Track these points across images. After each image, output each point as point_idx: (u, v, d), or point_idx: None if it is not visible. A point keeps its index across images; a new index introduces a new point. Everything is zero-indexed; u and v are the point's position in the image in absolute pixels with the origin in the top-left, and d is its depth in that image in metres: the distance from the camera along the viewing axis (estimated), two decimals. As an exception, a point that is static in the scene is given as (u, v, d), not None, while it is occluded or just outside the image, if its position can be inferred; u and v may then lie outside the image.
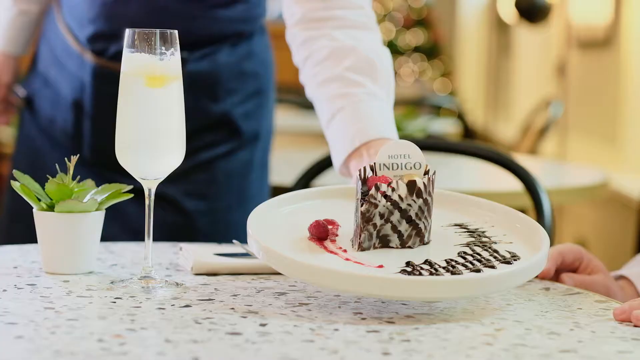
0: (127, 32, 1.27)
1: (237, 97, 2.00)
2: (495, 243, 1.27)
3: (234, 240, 1.47)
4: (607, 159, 4.90)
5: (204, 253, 1.42)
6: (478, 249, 1.25)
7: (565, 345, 1.08)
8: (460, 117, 5.41)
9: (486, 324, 1.15)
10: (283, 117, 5.11)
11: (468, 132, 5.18)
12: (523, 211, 1.46)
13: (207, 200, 1.99)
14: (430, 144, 2.29)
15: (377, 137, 1.56)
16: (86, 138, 1.95)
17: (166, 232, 1.97)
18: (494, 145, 7.68)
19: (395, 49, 10.43)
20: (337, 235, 1.29)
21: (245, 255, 1.44)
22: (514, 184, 2.08)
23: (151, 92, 1.26)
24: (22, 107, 2.08)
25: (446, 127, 4.63)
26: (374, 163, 1.28)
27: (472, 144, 2.59)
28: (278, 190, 2.25)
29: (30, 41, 2.12)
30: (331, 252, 1.24)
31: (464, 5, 10.65)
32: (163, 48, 1.28)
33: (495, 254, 1.24)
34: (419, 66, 10.37)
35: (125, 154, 1.28)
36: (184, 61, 1.93)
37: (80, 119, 1.96)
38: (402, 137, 2.85)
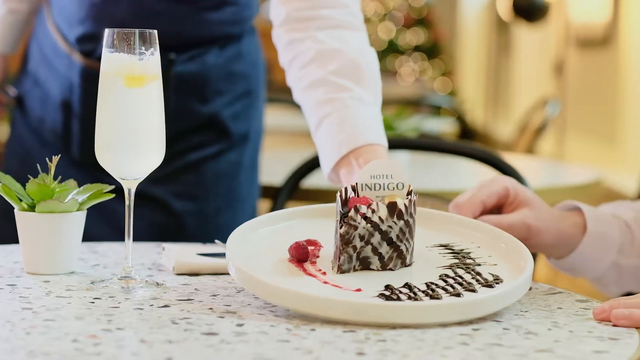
0: (107, 32, 1.27)
1: (226, 98, 2.00)
2: (479, 265, 1.26)
3: (216, 240, 1.46)
4: (604, 158, 4.89)
5: (186, 253, 1.42)
6: (461, 272, 1.24)
7: (541, 345, 1.08)
8: (458, 116, 5.40)
9: (464, 324, 1.15)
10: (277, 117, 5.11)
11: (466, 131, 5.18)
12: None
13: (195, 201, 1.99)
14: (418, 144, 2.30)
15: (365, 144, 1.54)
16: (75, 138, 1.95)
17: (155, 233, 1.97)
18: (492, 144, 7.67)
19: (395, 48, 10.44)
20: (318, 256, 1.27)
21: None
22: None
23: (130, 92, 1.26)
24: (13, 106, 2.08)
25: (442, 126, 4.62)
26: (356, 183, 1.27)
27: (458, 143, 2.59)
28: (269, 190, 2.26)
29: (20, 40, 2.12)
30: (310, 274, 1.22)
31: (465, 4, 10.64)
32: (143, 48, 1.28)
33: (478, 277, 1.22)
34: (419, 65, 10.38)
35: (105, 154, 1.28)
36: (172, 62, 1.93)
37: (69, 119, 1.96)
38: (394, 136, 2.85)
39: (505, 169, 1.97)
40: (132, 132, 1.26)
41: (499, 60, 9.31)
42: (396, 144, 2.37)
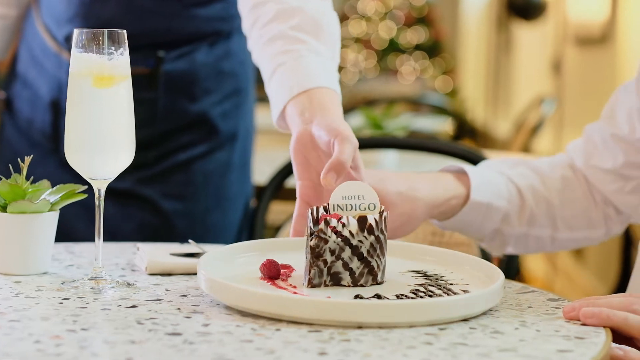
0: (75, 32, 1.27)
1: (214, 96, 2.00)
2: (451, 284, 1.25)
3: (190, 240, 1.46)
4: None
5: (159, 253, 1.41)
6: (432, 288, 1.23)
7: (506, 345, 1.07)
8: (454, 115, 5.39)
9: (432, 323, 1.14)
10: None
11: (463, 130, 5.17)
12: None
13: (185, 201, 1.99)
14: (406, 143, 2.29)
15: (317, 86, 1.49)
16: (63, 138, 1.95)
17: (144, 234, 1.97)
18: (491, 142, 7.66)
19: (396, 47, 10.43)
20: (290, 276, 1.27)
21: (202, 255, 1.43)
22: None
23: (98, 93, 1.26)
24: (2, 109, 2.08)
25: (438, 125, 4.61)
26: (328, 204, 1.26)
27: (447, 142, 2.58)
28: (260, 190, 2.25)
29: (9, 46, 2.12)
30: (280, 287, 1.22)
31: (465, 2, 10.63)
32: (112, 48, 1.27)
33: (449, 292, 1.22)
34: (420, 64, 10.36)
35: (74, 154, 1.28)
36: (161, 60, 1.93)
37: (57, 118, 1.96)
38: (381, 135, 2.84)
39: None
40: (101, 133, 1.26)
41: (499, 59, 9.30)
42: (384, 143, 2.37)
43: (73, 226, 1.91)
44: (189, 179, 1.99)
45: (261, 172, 2.41)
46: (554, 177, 1.61)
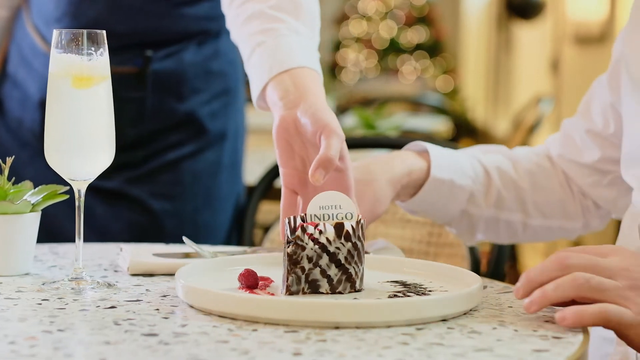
0: (55, 32, 1.27)
1: (203, 96, 2.00)
2: (430, 291, 1.25)
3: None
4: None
5: (141, 254, 1.41)
6: (410, 294, 1.23)
7: (482, 345, 1.07)
8: (452, 114, 5.39)
9: (410, 324, 1.14)
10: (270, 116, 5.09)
11: (461, 130, 5.16)
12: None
13: (174, 201, 1.99)
14: (398, 142, 2.28)
15: (297, 66, 1.47)
16: None
17: (133, 233, 1.97)
18: (491, 141, 7.65)
19: (397, 47, 10.42)
20: (268, 286, 1.26)
21: (185, 255, 1.43)
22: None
23: (77, 93, 1.26)
24: None
25: (435, 125, 4.61)
26: (305, 214, 1.26)
27: (439, 141, 2.57)
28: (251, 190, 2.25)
29: (0, 47, 2.13)
30: (258, 295, 1.22)
31: (466, 1, 10.62)
32: (92, 48, 1.27)
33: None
34: (420, 64, 10.36)
35: (53, 155, 1.28)
36: (149, 60, 1.93)
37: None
38: (374, 135, 2.84)
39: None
40: (80, 133, 1.26)
41: (499, 58, 9.29)
42: (376, 142, 2.37)
43: (61, 226, 1.91)
44: (177, 179, 1.99)
45: (252, 172, 2.41)
46: (528, 163, 1.60)
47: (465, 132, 8.02)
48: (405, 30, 10.50)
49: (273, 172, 2.13)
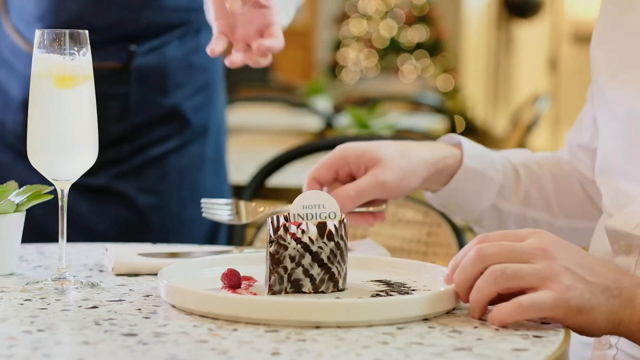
0: (37, 32, 1.27)
1: (186, 90, 2.02)
2: (414, 290, 1.25)
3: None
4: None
5: (126, 253, 1.41)
6: (394, 293, 1.23)
7: (462, 344, 1.07)
8: (451, 113, 5.38)
9: (391, 323, 1.14)
10: (272, 116, 5.11)
11: (455, 130, 5.17)
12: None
13: (159, 196, 2.00)
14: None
15: None
16: None
17: (120, 230, 1.97)
18: (489, 140, 7.65)
19: (397, 46, 10.42)
20: (251, 285, 1.26)
21: (171, 255, 1.43)
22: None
23: (59, 93, 1.25)
24: None
25: (433, 124, 4.61)
26: (288, 213, 1.26)
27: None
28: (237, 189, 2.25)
29: None
30: (241, 294, 1.22)
31: (466, 0, 10.62)
32: (75, 48, 1.27)
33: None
34: (421, 63, 10.35)
35: (36, 155, 1.28)
36: (133, 54, 1.94)
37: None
38: (367, 134, 2.84)
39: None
40: (62, 134, 1.26)
41: (499, 57, 9.29)
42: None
43: (48, 226, 1.91)
44: (163, 174, 2.00)
45: (243, 171, 2.41)
46: (550, 165, 1.58)
47: (465, 131, 8.02)
48: (405, 30, 10.49)
49: (265, 171, 2.13)
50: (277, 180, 2.20)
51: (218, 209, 1.49)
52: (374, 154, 1.43)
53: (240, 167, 2.58)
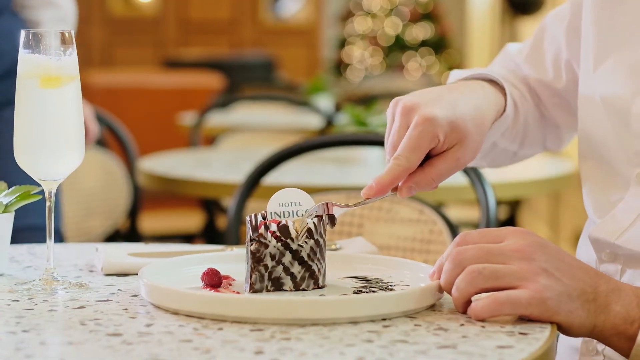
0: (23, 32, 1.27)
1: None
2: (394, 286, 1.25)
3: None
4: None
5: (116, 253, 1.41)
6: (374, 289, 1.23)
7: (446, 341, 1.06)
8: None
9: (376, 321, 1.14)
10: (275, 115, 5.10)
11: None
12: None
13: None
14: (382, 140, 2.28)
15: None
16: None
17: None
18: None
19: (402, 43, 10.42)
20: (231, 284, 1.26)
21: (161, 256, 1.43)
22: (459, 179, 2.06)
23: (45, 93, 1.25)
24: None
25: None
26: (266, 211, 1.26)
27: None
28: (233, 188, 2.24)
29: None
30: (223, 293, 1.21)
31: (470, -3, 10.60)
32: (61, 48, 1.27)
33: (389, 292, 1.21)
34: (426, 60, 10.35)
35: (22, 156, 1.28)
36: None
37: None
38: (365, 132, 2.83)
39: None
40: (48, 134, 1.26)
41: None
42: (368, 140, 2.36)
43: None
44: None
45: (240, 170, 2.41)
46: (529, 104, 1.52)
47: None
48: (410, 27, 10.49)
49: (260, 170, 2.12)
50: (272, 178, 2.20)
51: None
52: (460, 130, 1.31)
53: (238, 166, 2.57)
